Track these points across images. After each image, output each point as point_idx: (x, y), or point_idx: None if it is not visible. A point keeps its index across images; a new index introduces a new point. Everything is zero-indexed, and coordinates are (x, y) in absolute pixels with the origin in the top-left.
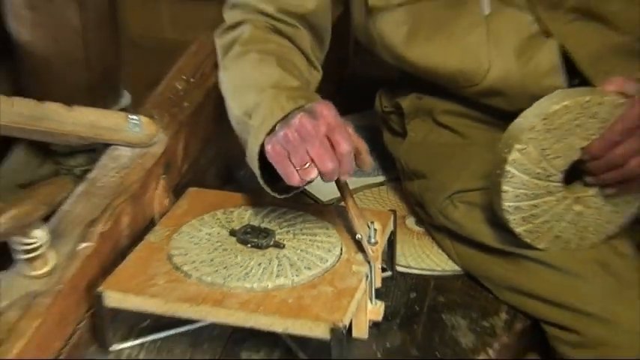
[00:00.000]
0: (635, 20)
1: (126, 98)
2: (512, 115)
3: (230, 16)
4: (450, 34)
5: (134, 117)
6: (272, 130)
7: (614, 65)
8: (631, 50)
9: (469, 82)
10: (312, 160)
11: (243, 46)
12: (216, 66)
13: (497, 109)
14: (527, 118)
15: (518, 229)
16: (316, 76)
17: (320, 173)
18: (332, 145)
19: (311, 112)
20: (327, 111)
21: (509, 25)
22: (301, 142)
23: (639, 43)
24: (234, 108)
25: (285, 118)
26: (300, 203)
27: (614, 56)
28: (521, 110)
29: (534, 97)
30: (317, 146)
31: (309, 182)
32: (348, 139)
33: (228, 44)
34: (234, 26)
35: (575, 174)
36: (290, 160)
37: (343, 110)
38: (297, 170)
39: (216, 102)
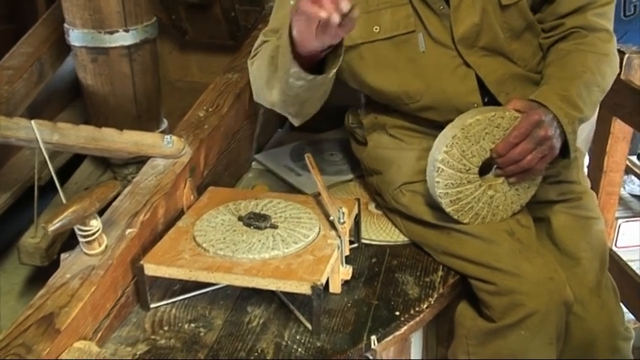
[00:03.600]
0: (527, 57)
1: (164, 124)
2: (440, 128)
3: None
4: (396, 66)
5: (167, 137)
6: None
7: (513, 88)
8: (525, 77)
9: (411, 100)
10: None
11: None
12: (226, 100)
13: (431, 122)
14: (451, 129)
15: (448, 209)
16: None
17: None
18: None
19: None
20: None
21: (439, 58)
22: None
23: (531, 73)
24: (267, 55)
25: None
26: (289, 195)
27: (513, 81)
28: (449, 121)
29: (459, 110)
30: None
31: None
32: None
33: (254, 54)
34: (257, 49)
35: (487, 168)
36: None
37: (324, 128)
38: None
39: (227, 125)
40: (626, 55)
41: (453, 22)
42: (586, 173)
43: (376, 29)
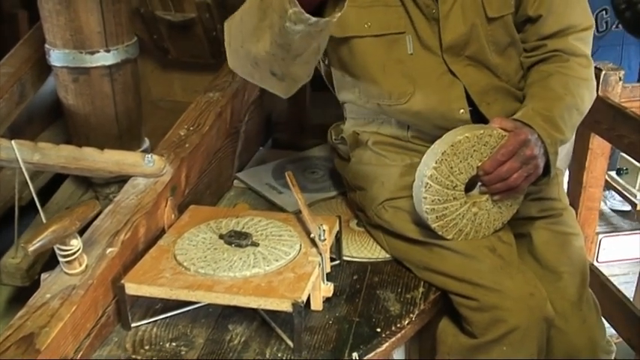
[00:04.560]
0: (510, 73)
1: (146, 143)
2: (423, 143)
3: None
4: (385, 64)
5: (148, 156)
6: None
7: (495, 99)
8: (507, 90)
9: (399, 101)
10: None
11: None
12: (208, 119)
13: (414, 136)
14: (440, 145)
15: (434, 225)
16: None
17: None
18: None
19: None
20: None
21: (426, 63)
22: None
23: (512, 88)
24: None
25: None
26: (270, 213)
27: (495, 92)
28: (433, 129)
29: (445, 116)
30: None
31: None
32: None
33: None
34: None
35: (471, 185)
36: None
37: (306, 145)
38: None
39: (208, 144)
40: (603, 72)
41: (442, 30)
42: (566, 189)
43: (367, 25)
